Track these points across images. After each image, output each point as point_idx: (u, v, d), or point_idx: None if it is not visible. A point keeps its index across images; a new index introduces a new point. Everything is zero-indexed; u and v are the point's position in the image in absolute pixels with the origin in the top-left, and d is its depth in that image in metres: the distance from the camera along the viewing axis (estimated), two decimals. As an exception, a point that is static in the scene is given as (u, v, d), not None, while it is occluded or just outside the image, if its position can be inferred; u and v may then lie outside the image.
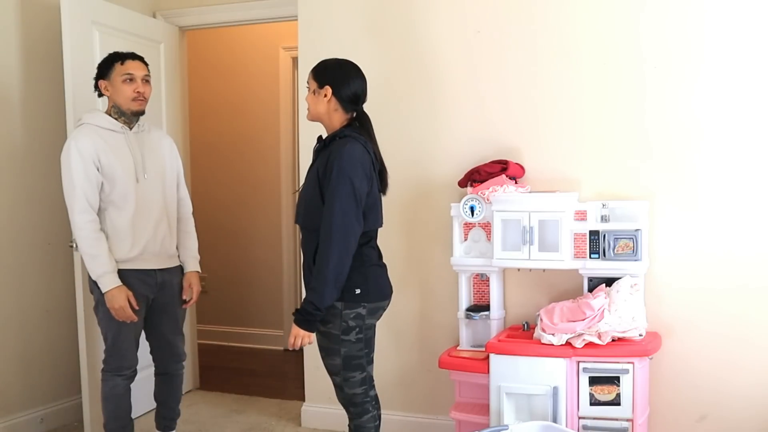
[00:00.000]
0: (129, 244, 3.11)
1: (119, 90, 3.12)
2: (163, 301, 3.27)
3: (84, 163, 3.02)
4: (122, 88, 3.12)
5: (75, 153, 3.03)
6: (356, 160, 2.59)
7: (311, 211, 2.66)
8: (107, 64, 3.16)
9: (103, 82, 3.16)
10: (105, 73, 3.15)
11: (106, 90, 3.16)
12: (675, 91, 3.20)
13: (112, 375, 3.17)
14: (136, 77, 3.14)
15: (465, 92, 3.53)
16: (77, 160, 3.02)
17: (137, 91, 3.13)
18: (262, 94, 5.61)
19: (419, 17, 3.60)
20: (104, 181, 3.07)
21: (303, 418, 3.99)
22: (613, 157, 3.30)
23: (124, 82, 3.12)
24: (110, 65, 3.14)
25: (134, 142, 3.17)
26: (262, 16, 4.33)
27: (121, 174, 3.08)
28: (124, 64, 3.13)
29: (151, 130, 3.30)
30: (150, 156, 3.20)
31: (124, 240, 3.10)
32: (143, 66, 3.19)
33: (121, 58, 3.15)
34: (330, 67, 2.76)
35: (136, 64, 3.16)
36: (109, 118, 3.15)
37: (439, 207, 3.55)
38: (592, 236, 3.14)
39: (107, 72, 3.14)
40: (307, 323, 2.62)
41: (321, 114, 2.74)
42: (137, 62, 3.17)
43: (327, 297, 2.56)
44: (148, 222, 3.17)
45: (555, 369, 3.00)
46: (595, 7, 3.31)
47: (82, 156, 3.02)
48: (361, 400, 2.75)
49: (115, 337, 3.14)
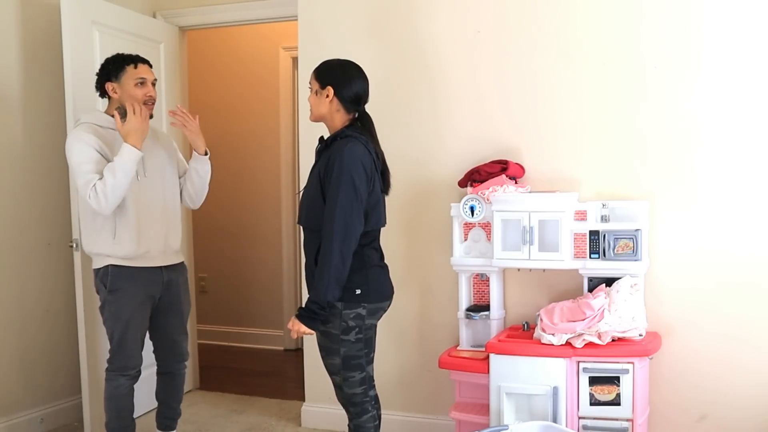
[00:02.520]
0: (133, 243, 3.10)
1: (130, 93, 3.10)
2: (169, 300, 3.27)
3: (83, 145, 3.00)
4: (134, 92, 3.10)
5: (75, 140, 3.02)
6: (357, 159, 2.60)
7: (313, 211, 2.67)
8: (117, 66, 3.12)
9: (112, 84, 3.12)
10: (114, 75, 3.12)
11: (114, 92, 3.13)
12: (675, 92, 3.21)
13: (116, 375, 3.17)
14: (147, 81, 3.14)
15: (465, 92, 3.53)
16: (79, 146, 3.01)
17: (149, 95, 3.13)
18: (262, 94, 5.62)
19: (419, 17, 3.60)
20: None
21: (303, 418, 3.99)
22: (613, 157, 3.31)
23: (136, 86, 3.11)
24: (121, 68, 3.11)
25: None
26: (262, 16, 4.33)
27: None
28: (138, 68, 3.12)
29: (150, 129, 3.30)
30: (149, 154, 3.19)
31: (127, 239, 3.10)
32: (151, 71, 3.19)
33: (133, 61, 3.13)
34: (332, 68, 2.76)
35: (146, 68, 3.17)
36: (107, 117, 3.15)
37: (439, 207, 3.55)
38: (592, 236, 3.14)
39: (117, 74, 3.11)
40: (310, 321, 2.63)
41: (323, 114, 2.74)
42: (147, 66, 3.17)
43: (329, 295, 2.57)
44: (151, 220, 3.16)
45: (555, 369, 3.00)
46: (596, 7, 3.31)
47: (80, 140, 3.01)
48: (360, 399, 2.75)
49: (121, 337, 3.13)
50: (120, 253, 3.09)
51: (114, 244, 3.09)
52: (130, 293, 3.11)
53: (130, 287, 3.11)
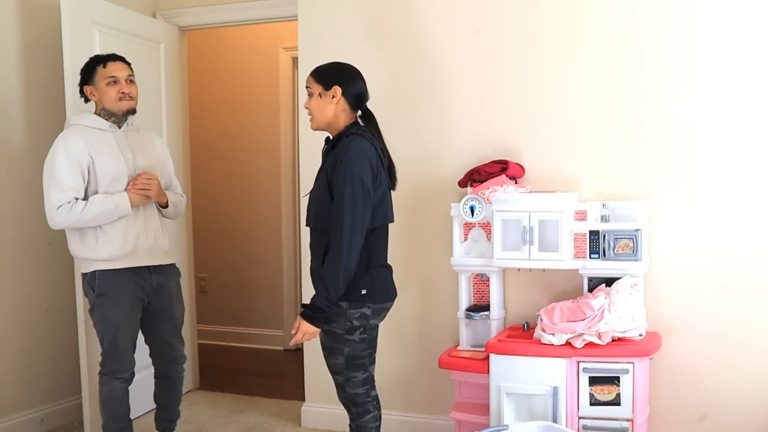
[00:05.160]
0: (117, 243, 3.09)
1: (104, 93, 3.11)
2: (161, 305, 3.26)
3: (69, 158, 3.00)
4: (107, 91, 3.11)
5: (62, 149, 3.02)
6: (363, 155, 2.61)
7: (322, 212, 2.67)
8: (89, 69, 3.15)
9: (89, 87, 3.15)
10: (89, 78, 3.14)
11: (92, 95, 3.16)
12: (674, 91, 3.21)
13: (109, 378, 3.16)
14: (120, 78, 3.12)
15: (465, 92, 3.53)
16: (62, 154, 3.01)
17: (122, 92, 3.12)
18: (262, 95, 5.61)
19: (419, 17, 3.60)
20: (94, 180, 3.06)
21: (303, 418, 3.98)
22: (613, 157, 3.31)
23: (108, 85, 3.11)
24: (92, 70, 3.13)
25: (124, 140, 3.16)
26: (262, 16, 4.33)
27: (112, 172, 3.07)
28: (107, 67, 3.12)
29: (140, 129, 3.29)
30: (140, 154, 3.19)
31: (116, 237, 3.09)
32: (126, 66, 3.17)
33: (102, 61, 3.13)
34: (333, 68, 2.78)
35: (118, 65, 3.14)
36: (97, 118, 3.15)
37: (439, 207, 3.55)
38: (592, 236, 3.14)
39: (90, 77, 3.13)
40: (317, 319, 2.62)
41: (329, 117, 2.73)
42: (119, 63, 3.15)
43: (337, 291, 2.58)
44: (141, 219, 3.16)
45: (555, 369, 3.00)
46: (595, 7, 3.31)
47: (68, 151, 3.01)
48: (362, 400, 2.76)
49: (111, 340, 3.13)
50: (104, 256, 3.08)
51: (97, 247, 3.08)
52: (119, 297, 3.11)
53: (118, 291, 3.10)
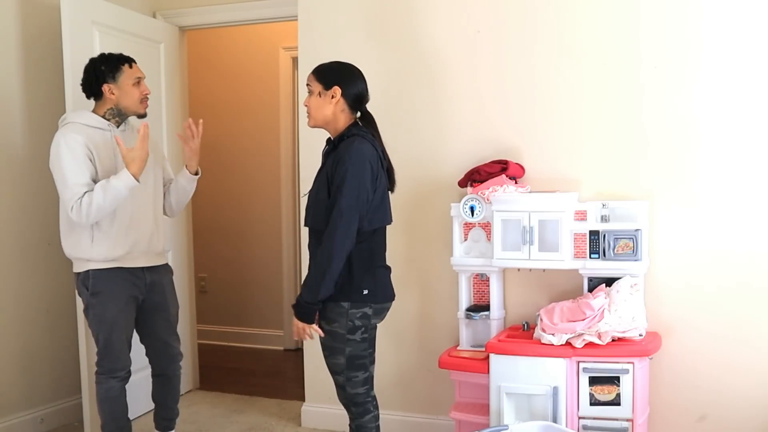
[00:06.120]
0: (112, 245, 3.08)
1: (128, 93, 3.12)
2: (155, 303, 3.26)
3: (73, 154, 2.99)
4: (132, 91, 3.12)
5: (64, 146, 3.01)
6: (365, 157, 2.62)
7: (321, 212, 2.68)
8: (114, 67, 3.10)
9: (109, 85, 3.10)
10: (111, 76, 3.10)
11: (111, 93, 3.11)
12: (674, 91, 3.21)
13: (106, 377, 3.16)
14: (142, 80, 3.16)
15: (465, 92, 3.53)
16: (65, 152, 3.00)
17: (146, 93, 3.16)
18: (262, 94, 5.61)
19: (419, 17, 3.60)
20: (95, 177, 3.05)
21: (303, 418, 3.99)
22: (613, 157, 3.31)
23: (133, 86, 3.12)
24: (118, 68, 3.11)
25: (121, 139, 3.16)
26: (262, 16, 4.33)
27: (110, 171, 3.07)
28: (133, 68, 3.14)
29: (135, 128, 3.28)
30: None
31: (111, 238, 3.08)
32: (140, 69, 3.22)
33: (128, 60, 3.14)
34: (334, 68, 2.77)
35: (138, 67, 3.19)
36: (95, 116, 3.13)
37: (439, 207, 3.55)
38: (592, 236, 3.15)
39: (114, 75, 3.10)
40: (305, 315, 2.64)
41: (327, 116, 2.74)
42: (137, 65, 3.19)
43: (323, 290, 2.59)
44: (136, 220, 3.15)
45: (555, 369, 3.00)
46: (595, 7, 3.31)
47: (69, 146, 3.00)
48: (363, 399, 2.76)
49: (107, 339, 3.12)
50: (99, 257, 3.08)
51: (92, 248, 3.07)
52: (113, 295, 3.10)
53: (112, 289, 3.10)
